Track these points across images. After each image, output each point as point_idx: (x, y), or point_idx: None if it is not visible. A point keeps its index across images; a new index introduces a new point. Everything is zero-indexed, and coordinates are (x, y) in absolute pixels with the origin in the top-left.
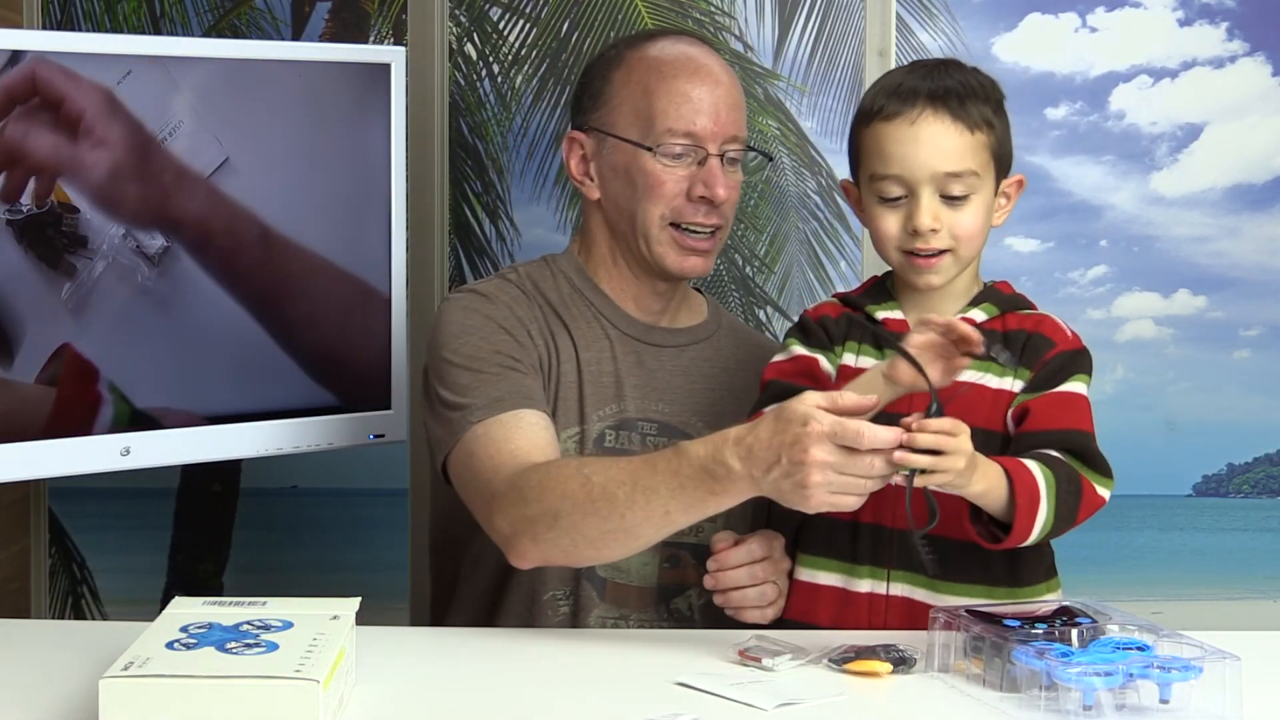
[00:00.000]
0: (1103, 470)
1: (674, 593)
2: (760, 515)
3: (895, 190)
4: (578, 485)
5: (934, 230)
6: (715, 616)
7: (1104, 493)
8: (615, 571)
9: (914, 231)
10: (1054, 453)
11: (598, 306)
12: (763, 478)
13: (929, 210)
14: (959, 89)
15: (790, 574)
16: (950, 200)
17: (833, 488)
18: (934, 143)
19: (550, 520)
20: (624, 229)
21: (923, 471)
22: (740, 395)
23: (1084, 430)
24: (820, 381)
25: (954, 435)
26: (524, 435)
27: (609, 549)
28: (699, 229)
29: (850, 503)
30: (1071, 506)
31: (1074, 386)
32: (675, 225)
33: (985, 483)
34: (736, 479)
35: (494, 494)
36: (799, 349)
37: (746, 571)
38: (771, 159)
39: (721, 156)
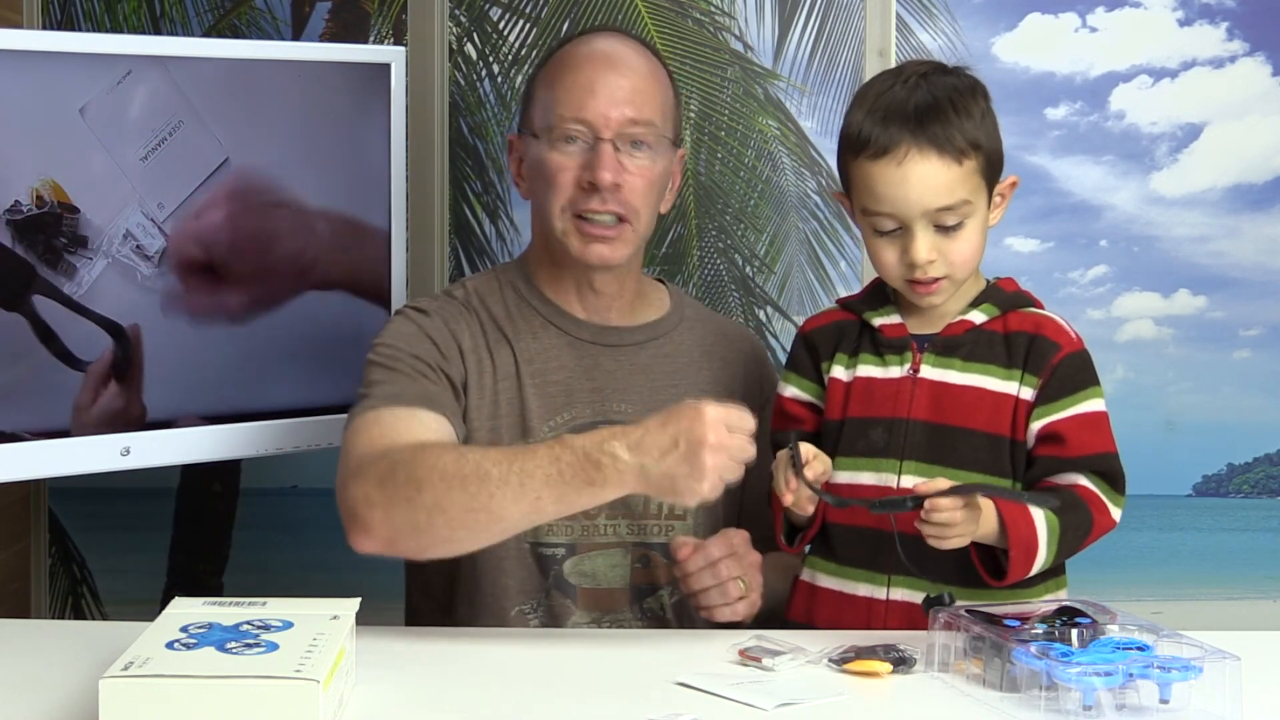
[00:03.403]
0: (1122, 488)
1: (646, 593)
2: (731, 517)
3: (889, 224)
4: (452, 459)
5: (931, 261)
6: (688, 614)
7: (1117, 514)
8: (584, 578)
9: (911, 264)
10: (1080, 479)
11: (545, 314)
12: (655, 464)
13: (925, 244)
14: (941, 113)
15: (796, 574)
16: (945, 230)
17: (724, 471)
18: (923, 183)
19: (413, 491)
20: (542, 225)
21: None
22: (705, 386)
23: (1111, 452)
24: (796, 419)
25: (958, 517)
26: (411, 428)
27: (465, 529)
28: (595, 216)
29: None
30: (1074, 545)
31: (1096, 405)
32: (578, 216)
33: (985, 529)
34: (622, 469)
35: (360, 462)
36: (780, 387)
37: (709, 572)
38: (679, 145)
39: (616, 143)
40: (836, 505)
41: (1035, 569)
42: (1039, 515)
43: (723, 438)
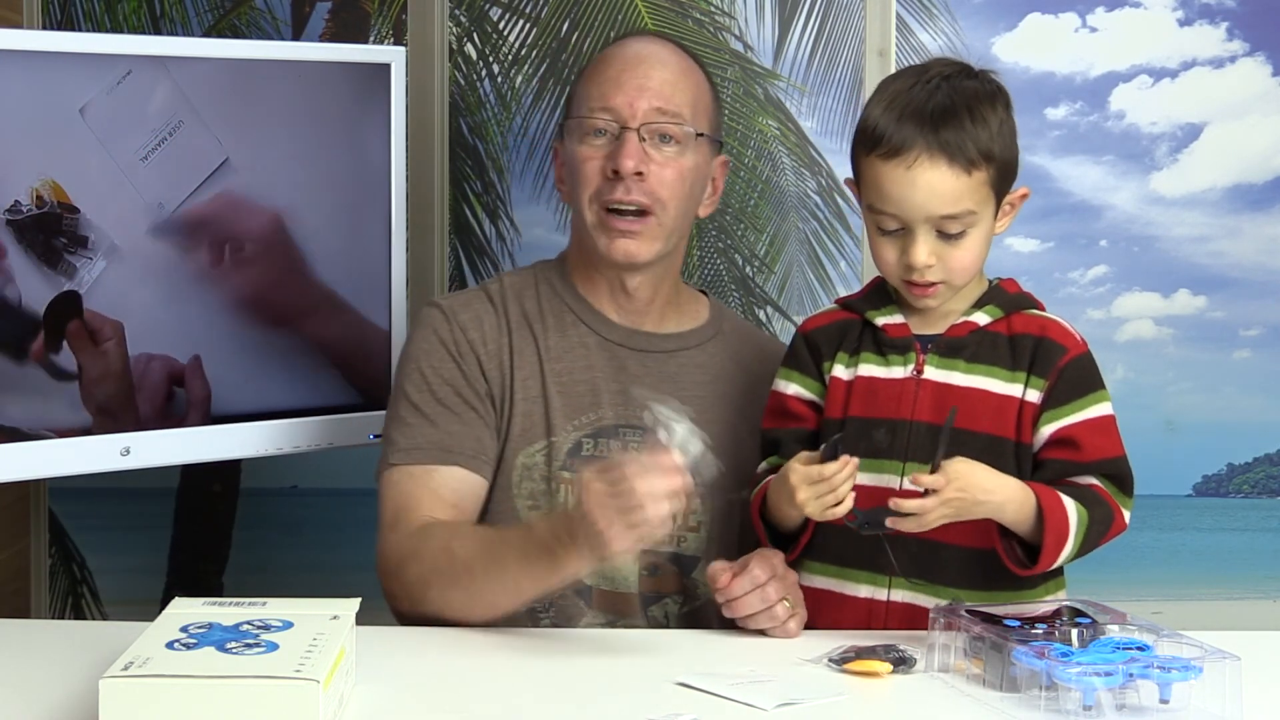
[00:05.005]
0: (1131, 491)
1: (651, 600)
2: (747, 523)
3: (892, 224)
4: (445, 559)
5: (929, 266)
6: (694, 625)
7: (1127, 517)
8: (601, 579)
9: (909, 266)
10: (1097, 482)
11: (577, 313)
12: (570, 538)
13: (924, 248)
14: (957, 119)
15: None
16: (947, 236)
17: (613, 515)
18: (930, 189)
19: (423, 589)
20: (578, 222)
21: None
22: (736, 400)
23: (1121, 456)
24: (799, 417)
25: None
26: (429, 492)
27: (475, 615)
28: (620, 206)
29: (634, 534)
30: (1094, 542)
31: (1105, 408)
32: (605, 209)
33: (1020, 513)
34: (570, 540)
35: (384, 554)
36: (779, 384)
37: (757, 595)
38: (722, 145)
39: (642, 133)
40: (858, 527)
41: (1060, 559)
42: (1071, 506)
43: (617, 485)
